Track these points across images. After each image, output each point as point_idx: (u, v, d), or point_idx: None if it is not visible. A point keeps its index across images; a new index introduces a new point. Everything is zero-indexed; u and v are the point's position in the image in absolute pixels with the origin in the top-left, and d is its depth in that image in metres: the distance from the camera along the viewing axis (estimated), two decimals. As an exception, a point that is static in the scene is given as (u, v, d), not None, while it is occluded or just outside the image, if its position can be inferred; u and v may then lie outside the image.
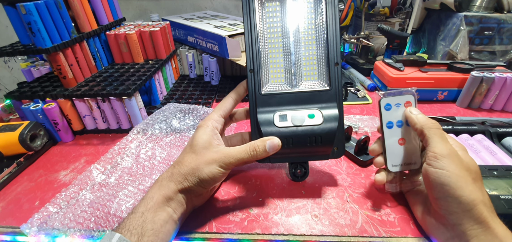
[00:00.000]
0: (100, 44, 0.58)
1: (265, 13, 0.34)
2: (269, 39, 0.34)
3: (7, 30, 1.14)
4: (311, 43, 0.34)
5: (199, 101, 0.61)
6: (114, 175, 0.39)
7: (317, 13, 0.34)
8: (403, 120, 0.32)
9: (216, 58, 0.69)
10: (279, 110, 0.33)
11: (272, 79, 0.34)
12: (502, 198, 0.30)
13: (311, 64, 0.34)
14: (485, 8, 0.77)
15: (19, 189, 0.39)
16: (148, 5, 1.10)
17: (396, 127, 0.32)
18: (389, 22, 0.78)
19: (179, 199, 0.30)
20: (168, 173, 0.31)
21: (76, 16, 0.51)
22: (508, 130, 0.43)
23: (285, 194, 0.37)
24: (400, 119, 0.32)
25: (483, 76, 0.54)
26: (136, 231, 0.25)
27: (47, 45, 0.44)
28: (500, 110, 0.57)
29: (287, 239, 0.31)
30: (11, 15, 0.44)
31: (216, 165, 0.30)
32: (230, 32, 0.61)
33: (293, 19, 0.34)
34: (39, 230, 0.31)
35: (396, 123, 0.32)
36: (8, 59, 1.24)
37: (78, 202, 0.34)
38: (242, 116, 0.39)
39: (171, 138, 0.47)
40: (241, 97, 0.36)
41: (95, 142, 0.50)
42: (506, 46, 0.78)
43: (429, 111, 0.57)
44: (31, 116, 0.47)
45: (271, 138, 0.31)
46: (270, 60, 0.34)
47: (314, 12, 0.34)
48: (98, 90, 0.47)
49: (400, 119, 0.32)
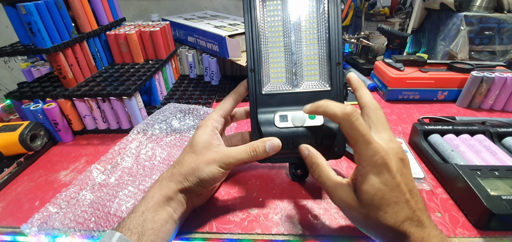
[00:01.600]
0: (100, 44, 0.58)
1: (266, 11, 0.34)
2: (270, 38, 0.34)
3: (7, 30, 1.15)
4: (312, 42, 0.34)
5: (199, 101, 0.61)
6: (114, 175, 0.39)
7: (319, 11, 0.33)
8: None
9: (216, 58, 0.69)
10: (279, 110, 0.33)
11: (273, 79, 0.34)
12: (504, 199, 0.30)
13: (313, 64, 0.34)
14: (485, 8, 0.77)
15: (19, 189, 0.39)
16: (148, 5, 1.10)
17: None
18: (389, 22, 0.78)
19: (179, 199, 0.30)
20: (168, 172, 0.31)
21: (76, 16, 0.51)
22: (509, 130, 0.43)
23: (285, 194, 0.36)
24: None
25: (483, 76, 0.54)
26: (136, 230, 0.25)
27: (47, 45, 0.44)
28: (500, 110, 0.57)
29: (287, 239, 0.31)
30: (11, 15, 0.44)
31: (216, 165, 0.30)
32: (230, 32, 0.61)
33: (295, 17, 0.33)
34: (39, 230, 0.31)
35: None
36: (8, 59, 1.24)
37: (78, 202, 0.34)
38: (242, 116, 0.39)
39: (171, 138, 0.47)
40: (242, 97, 0.35)
41: (95, 142, 0.50)
42: (506, 46, 0.78)
43: (429, 111, 0.57)
44: (31, 116, 0.47)
45: (271, 139, 0.31)
46: (271, 59, 0.34)
47: (316, 11, 0.33)
48: (98, 90, 0.47)
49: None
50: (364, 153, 0.25)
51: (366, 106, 0.29)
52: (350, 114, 0.26)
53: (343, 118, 0.26)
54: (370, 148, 0.24)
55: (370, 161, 0.24)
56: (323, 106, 0.28)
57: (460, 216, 0.33)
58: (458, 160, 0.38)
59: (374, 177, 0.24)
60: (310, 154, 0.30)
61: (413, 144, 0.45)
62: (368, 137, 0.25)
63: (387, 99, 0.61)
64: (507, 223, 0.30)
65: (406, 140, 0.47)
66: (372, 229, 0.25)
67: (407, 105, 0.60)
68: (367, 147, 0.25)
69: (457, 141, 0.42)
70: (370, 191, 0.24)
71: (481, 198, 0.30)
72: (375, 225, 0.25)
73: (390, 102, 0.61)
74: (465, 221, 0.32)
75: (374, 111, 0.28)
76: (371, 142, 0.24)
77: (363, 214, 0.25)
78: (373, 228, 0.25)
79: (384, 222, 0.24)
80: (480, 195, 0.31)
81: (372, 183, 0.24)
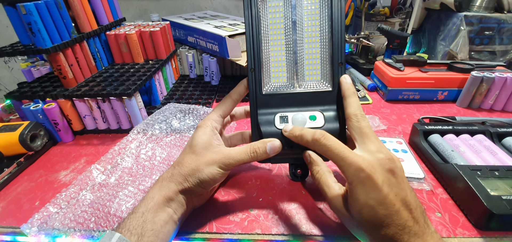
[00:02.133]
0: (100, 44, 0.58)
1: (267, 8, 0.33)
2: (271, 36, 0.33)
3: (7, 30, 1.14)
4: (315, 41, 0.33)
5: (199, 101, 0.61)
6: (114, 175, 0.39)
7: (322, 10, 0.32)
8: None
9: (216, 58, 0.69)
10: (280, 111, 0.33)
11: (274, 79, 0.34)
12: (504, 199, 0.30)
13: (314, 63, 0.33)
14: (485, 8, 0.77)
15: (19, 189, 0.39)
16: (148, 5, 1.10)
17: None
18: (389, 22, 0.78)
19: (179, 200, 0.30)
20: (168, 173, 0.31)
21: (76, 16, 0.51)
22: (509, 130, 0.43)
23: (285, 194, 0.36)
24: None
25: (483, 76, 0.54)
26: (136, 231, 0.25)
27: (47, 45, 0.44)
28: (501, 110, 0.57)
29: (287, 239, 0.31)
30: (11, 15, 0.44)
31: (216, 166, 0.30)
32: (230, 32, 0.61)
33: (297, 16, 0.33)
34: (39, 230, 0.31)
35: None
36: (8, 60, 1.24)
37: (78, 202, 0.34)
38: (242, 115, 0.39)
39: (171, 138, 0.47)
40: (242, 96, 0.35)
41: (95, 142, 0.50)
42: (506, 46, 0.78)
43: (429, 111, 0.57)
44: (31, 116, 0.47)
45: (271, 140, 0.31)
46: (271, 59, 0.33)
47: (319, 9, 0.32)
48: (98, 91, 0.47)
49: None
50: (345, 169, 0.25)
51: (349, 118, 0.29)
52: (317, 139, 0.27)
53: (313, 144, 0.28)
54: (350, 164, 0.24)
55: (354, 176, 0.24)
56: (299, 135, 0.29)
57: (460, 216, 0.33)
58: (458, 160, 0.38)
59: (360, 191, 0.24)
60: (311, 161, 0.31)
61: (413, 144, 0.45)
62: (342, 154, 0.25)
63: (387, 99, 0.61)
64: (507, 223, 0.30)
65: (406, 140, 0.47)
66: (366, 237, 0.26)
67: (407, 105, 0.60)
68: (345, 163, 0.25)
69: (457, 141, 0.42)
70: (357, 205, 0.24)
71: (481, 198, 0.30)
72: (369, 235, 0.25)
73: (390, 102, 0.61)
74: (465, 221, 0.32)
75: (357, 123, 0.28)
76: (347, 158, 0.25)
77: (355, 225, 0.26)
78: (367, 236, 0.25)
79: (375, 233, 0.24)
80: (480, 195, 0.31)
81: (357, 198, 0.24)
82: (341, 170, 0.26)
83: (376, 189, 0.23)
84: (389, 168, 0.25)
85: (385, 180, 0.24)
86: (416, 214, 0.24)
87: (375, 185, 0.23)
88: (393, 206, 0.23)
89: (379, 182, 0.24)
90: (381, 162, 0.25)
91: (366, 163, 0.24)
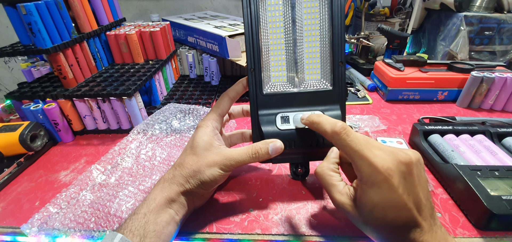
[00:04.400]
0: (100, 44, 0.58)
1: (266, 7, 0.32)
2: (271, 36, 0.33)
3: (8, 31, 1.14)
4: (314, 40, 0.33)
5: (199, 101, 0.61)
6: (114, 175, 0.39)
7: (322, 8, 0.32)
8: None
9: (216, 58, 0.69)
10: (281, 111, 0.33)
11: (274, 79, 0.34)
12: (504, 199, 0.30)
13: (314, 62, 0.33)
14: (485, 8, 0.77)
15: (19, 189, 0.39)
16: (148, 5, 1.10)
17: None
18: (389, 22, 0.78)
19: (181, 201, 0.30)
20: (170, 174, 0.31)
21: (76, 16, 0.51)
22: (509, 130, 0.43)
23: (285, 194, 0.36)
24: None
25: (483, 76, 0.54)
26: (138, 232, 0.25)
27: (47, 46, 0.44)
28: (501, 110, 0.57)
29: (287, 239, 0.31)
30: (12, 16, 0.44)
31: (217, 168, 0.30)
32: (230, 33, 0.61)
33: (296, 14, 0.32)
34: (39, 230, 0.31)
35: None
36: (8, 60, 1.24)
37: (79, 202, 0.34)
38: (239, 114, 0.39)
39: (172, 138, 0.47)
40: (239, 95, 0.34)
41: (95, 142, 0.50)
42: (506, 46, 0.78)
43: (429, 111, 0.57)
44: (31, 116, 0.47)
45: (273, 141, 0.31)
46: (271, 58, 0.33)
47: (319, 7, 0.32)
48: (98, 91, 0.47)
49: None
50: (362, 168, 0.24)
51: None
52: (338, 133, 0.25)
53: (331, 137, 0.26)
54: (369, 164, 0.24)
55: (370, 177, 0.24)
56: (316, 122, 0.28)
57: (460, 216, 0.33)
58: (458, 160, 0.38)
59: (375, 192, 0.24)
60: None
61: (413, 144, 0.45)
62: (362, 153, 0.24)
63: (387, 100, 0.61)
64: (507, 223, 0.30)
65: (406, 140, 0.47)
66: (373, 232, 0.26)
67: (407, 105, 0.60)
68: (363, 162, 0.24)
69: (457, 141, 0.42)
70: (368, 205, 0.24)
71: (481, 198, 0.30)
72: (376, 230, 0.25)
73: (390, 103, 0.61)
74: (465, 221, 0.33)
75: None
76: (366, 157, 0.24)
77: (363, 221, 0.25)
78: (374, 231, 0.25)
79: (383, 230, 0.24)
80: (480, 195, 0.31)
81: (371, 198, 0.24)
82: (356, 167, 0.25)
83: (392, 191, 0.23)
84: (406, 170, 0.24)
85: (401, 181, 0.23)
86: (425, 211, 0.24)
87: (391, 187, 0.23)
88: (405, 206, 0.23)
89: (396, 184, 0.23)
90: (399, 164, 0.23)
91: (386, 165, 0.23)
